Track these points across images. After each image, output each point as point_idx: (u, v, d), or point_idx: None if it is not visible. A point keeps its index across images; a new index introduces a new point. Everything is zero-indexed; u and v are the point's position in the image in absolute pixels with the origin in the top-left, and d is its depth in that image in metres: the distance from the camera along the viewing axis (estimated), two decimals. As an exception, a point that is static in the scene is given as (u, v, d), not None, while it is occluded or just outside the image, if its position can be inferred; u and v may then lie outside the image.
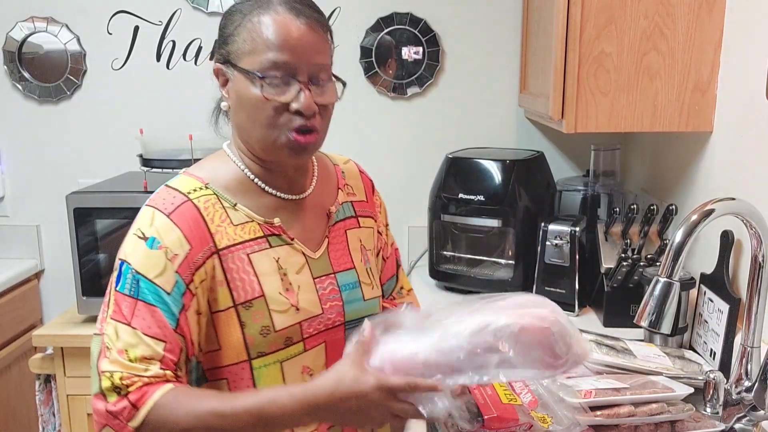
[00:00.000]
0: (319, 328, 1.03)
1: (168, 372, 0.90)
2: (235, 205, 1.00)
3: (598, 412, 1.08)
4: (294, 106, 0.95)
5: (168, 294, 0.92)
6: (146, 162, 1.91)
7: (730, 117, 1.41)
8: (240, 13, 0.97)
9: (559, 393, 1.12)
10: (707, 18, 1.43)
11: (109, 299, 0.93)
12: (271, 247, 1.01)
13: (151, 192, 1.83)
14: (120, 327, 0.90)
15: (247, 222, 1.00)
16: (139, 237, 0.94)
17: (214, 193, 0.99)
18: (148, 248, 0.93)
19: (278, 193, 1.04)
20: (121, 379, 0.88)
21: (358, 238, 1.14)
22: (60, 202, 1.92)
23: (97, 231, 1.84)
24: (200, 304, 0.95)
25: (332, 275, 1.07)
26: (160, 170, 1.89)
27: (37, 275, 2.29)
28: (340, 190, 1.15)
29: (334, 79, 1.01)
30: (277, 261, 1.00)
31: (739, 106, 1.37)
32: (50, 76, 2.16)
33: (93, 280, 1.85)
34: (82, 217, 1.82)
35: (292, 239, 1.03)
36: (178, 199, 0.97)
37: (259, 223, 1.01)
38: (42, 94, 2.18)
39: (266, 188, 1.03)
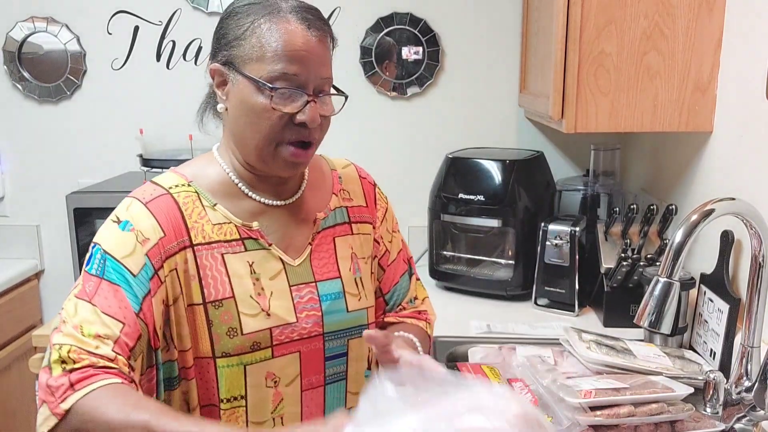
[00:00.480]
0: (292, 336, 1.00)
1: (120, 357, 0.86)
2: (215, 205, 1.00)
3: (598, 412, 1.08)
4: (300, 118, 0.95)
5: (134, 276, 0.91)
6: (146, 162, 1.91)
7: (730, 117, 1.41)
8: (247, 17, 0.95)
9: (559, 393, 1.12)
10: (707, 18, 1.43)
11: (79, 281, 0.93)
12: (246, 250, 1.00)
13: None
14: (80, 303, 0.89)
15: (224, 223, 0.99)
16: (113, 221, 0.96)
17: (196, 191, 1.00)
18: (120, 230, 0.94)
19: (262, 199, 1.03)
20: (68, 352, 0.84)
21: (348, 245, 1.10)
22: (60, 202, 1.92)
23: (97, 231, 1.84)
24: (168, 294, 0.94)
25: (313, 284, 1.04)
26: (160, 170, 1.88)
27: (37, 275, 2.29)
28: (334, 195, 1.12)
29: (334, 91, 1.01)
30: (250, 265, 0.99)
31: (739, 106, 1.37)
32: (50, 76, 2.16)
33: (93, 280, 1.85)
34: (82, 217, 1.82)
35: (270, 244, 1.01)
36: (158, 191, 0.98)
37: (236, 225, 1.00)
38: (42, 94, 2.18)
39: (249, 193, 1.02)
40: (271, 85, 0.93)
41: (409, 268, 1.24)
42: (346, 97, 1.01)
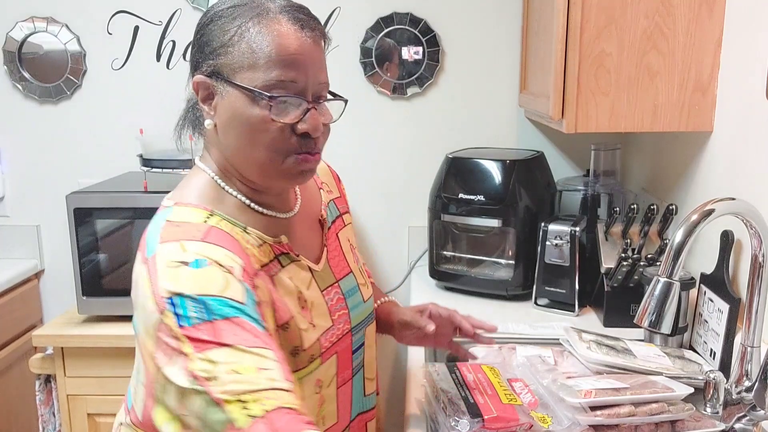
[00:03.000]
0: (332, 340, 1.00)
1: (292, 387, 0.75)
2: (246, 228, 0.92)
3: (598, 412, 1.08)
4: (302, 127, 0.88)
5: (243, 304, 0.79)
6: (146, 162, 1.91)
7: (730, 117, 1.41)
8: (233, 21, 0.87)
9: (559, 393, 1.12)
10: (707, 18, 1.43)
11: (177, 347, 0.76)
12: (282, 267, 0.94)
13: (152, 192, 1.85)
14: (211, 354, 0.74)
15: (261, 244, 0.92)
16: (176, 266, 0.81)
17: (224, 219, 0.90)
18: (196, 268, 0.80)
19: (275, 214, 0.97)
20: (252, 396, 0.72)
21: (347, 238, 1.12)
22: (60, 202, 1.92)
23: (97, 231, 1.84)
24: (268, 318, 0.87)
25: (336, 284, 1.04)
26: (160, 170, 1.89)
27: (37, 275, 2.29)
28: (321, 191, 1.12)
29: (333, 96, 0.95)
30: (291, 280, 0.95)
31: (739, 106, 1.37)
32: (50, 76, 2.16)
33: (93, 280, 1.85)
34: (82, 217, 1.82)
35: (297, 255, 0.98)
36: (201, 226, 0.87)
37: (270, 244, 0.94)
38: (42, 94, 2.18)
39: (263, 210, 0.96)
40: (268, 95, 0.85)
41: None
42: (346, 102, 0.95)
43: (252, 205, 0.95)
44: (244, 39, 0.86)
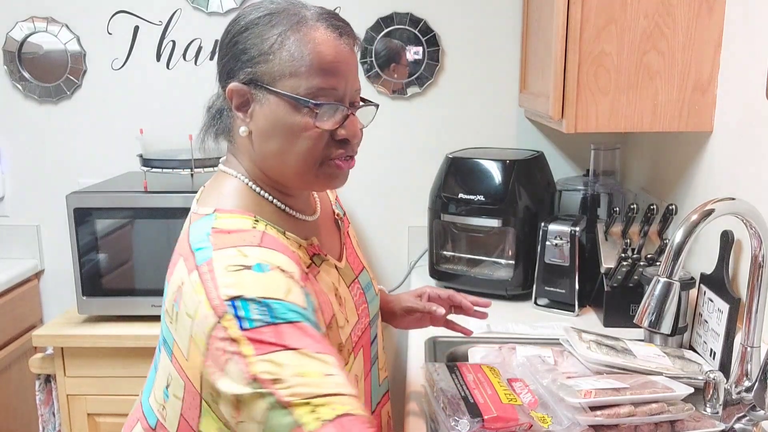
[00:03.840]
0: (358, 334, 1.02)
1: (357, 393, 0.75)
2: (285, 232, 0.92)
3: (598, 412, 1.08)
4: (342, 133, 0.90)
5: (305, 309, 0.79)
6: (146, 162, 1.91)
7: (730, 117, 1.41)
8: (272, 29, 0.87)
9: (559, 393, 1.12)
10: (707, 18, 1.43)
11: (235, 350, 0.74)
12: (318, 267, 0.96)
13: (152, 192, 1.85)
14: (276, 356, 0.73)
15: (299, 247, 0.93)
16: (238, 270, 0.79)
17: (268, 224, 0.90)
18: (259, 272, 0.79)
19: (305, 217, 0.99)
20: (321, 400, 0.71)
21: (353, 234, 1.17)
22: (60, 202, 1.92)
23: (97, 231, 1.84)
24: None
25: (356, 280, 1.07)
26: (160, 170, 1.89)
27: (37, 275, 2.29)
28: (327, 191, 1.14)
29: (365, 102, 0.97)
30: (329, 277, 0.97)
31: (739, 106, 1.37)
32: (50, 76, 2.16)
33: (93, 280, 1.85)
34: (82, 217, 1.82)
35: (326, 255, 0.99)
36: (255, 233, 0.86)
37: (305, 247, 0.95)
38: (42, 94, 2.18)
39: (296, 214, 0.97)
40: (313, 102, 0.86)
41: None
42: (377, 107, 0.97)
43: (287, 209, 0.96)
44: (285, 47, 0.86)
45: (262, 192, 0.94)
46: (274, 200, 0.95)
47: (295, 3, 0.91)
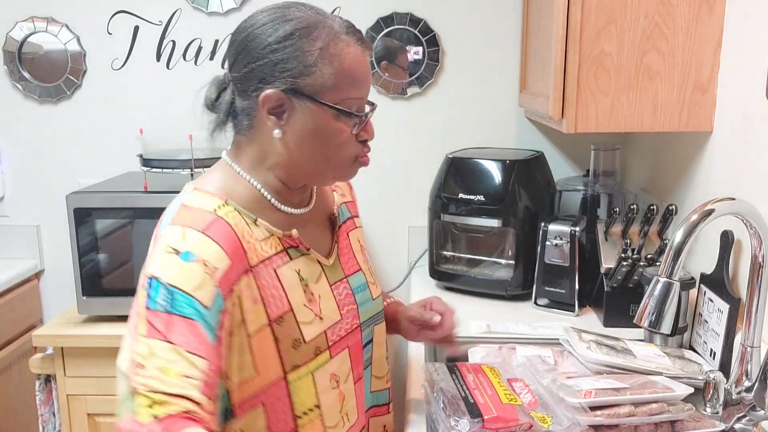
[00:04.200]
0: (341, 334, 1.04)
1: (205, 402, 0.80)
2: (256, 220, 0.98)
3: (598, 412, 1.08)
4: (364, 135, 1.00)
5: (207, 309, 0.85)
6: (146, 162, 1.91)
7: (730, 117, 1.41)
8: (312, 42, 0.94)
9: (559, 393, 1.12)
10: (707, 18, 1.43)
11: (137, 323, 0.85)
12: (291, 259, 1.00)
13: (152, 192, 1.85)
14: (154, 343, 0.81)
15: (268, 237, 0.98)
16: (170, 252, 0.88)
17: (236, 210, 0.96)
18: (183, 261, 0.87)
19: (290, 210, 1.03)
20: (161, 398, 0.78)
21: (357, 238, 1.18)
22: (60, 202, 1.92)
23: (97, 231, 1.84)
24: (232, 323, 0.91)
25: (345, 280, 1.09)
26: (160, 170, 1.89)
27: (37, 275, 2.29)
28: (334, 193, 1.18)
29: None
30: (298, 273, 1.00)
31: (739, 106, 1.37)
32: (50, 76, 2.16)
33: (93, 280, 1.85)
34: (82, 217, 1.82)
35: (308, 249, 1.03)
36: (208, 216, 0.93)
37: (278, 237, 0.99)
38: (42, 94, 2.18)
39: (279, 206, 1.02)
40: (357, 114, 0.97)
41: None
42: (375, 106, 1.03)
43: (270, 199, 1.01)
44: (326, 61, 0.94)
45: (249, 178, 1.00)
46: (261, 188, 1.00)
47: (320, 12, 0.98)
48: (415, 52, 2.11)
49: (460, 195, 1.84)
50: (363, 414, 1.12)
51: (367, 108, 1.00)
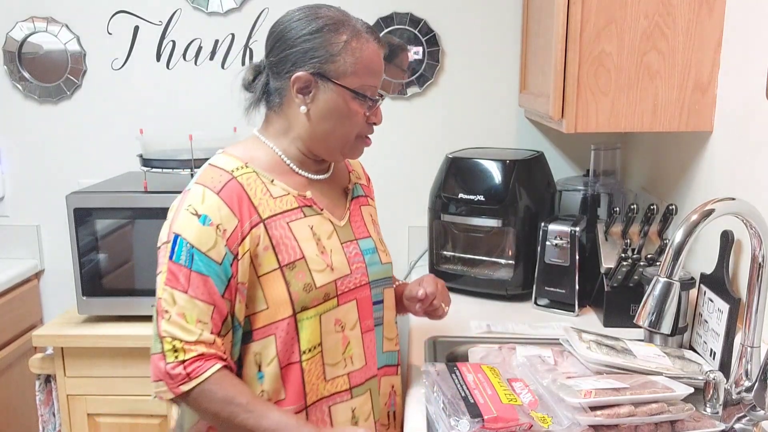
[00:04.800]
0: (349, 286, 1.19)
1: (217, 339, 1.06)
2: (273, 180, 1.15)
3: (598, 412, 1.08)
4: (374, 119, 1.20)
5: (219, 264, 1.06)
6: (146, 162, 1.91)
7: (730, 117, 1.41)
8: (338, 36, 1.12)
9: (559, 393, 1.12)
10: (707, 18, 1.43)
11: (164, 269, 1.07)
12: (305, 216, 1.17)
13: (152, 192, 1.86)
14: (176, 294, 1.05)
15: (284, 195, 1.15)
16: (192, 213, 1.08)
17: (254, 171, 1.14)
18: (201, 224, 1.07)
19: (308, 174, 1.20)
20: (182, 345, 1.03)
21: (369, 213, 1.33)
22: (60, 202, 1.92)
23: (97, 231, 1.84)
24: (244, 270, 1.09)
25: (355, 241, 1.23)
26: (160, 170, 1.89)
27: (37, 275, 2.29)
28: (350, 173, 1.34)
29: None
30: (311, 228, 1.16)
31: (739, 106, 1.37)
32: (50, 76, 2.16)
33: (93, 280, 1.85)
34: (82, 217, 1.82)
35: (322, 209, 1.20)
36: (224, 176, 1.12)
37: (294, 196, 1.17)
38: (42, 94, 2.18)
39: (297, 170, 1.19)
40: (373, 98, 1.16)
41: None
42: (385, 96, 1.22)
43: (290, 164, 1.19)
44: (349, 52, 1.13)
45: (273, 146, 1.18)
46: (282, 155, 1.18)
47: (345, 14, 1.16)
48: (415, 52, 2.11)
49: (460, 195, 1.84)
50: (374, 366, 1.23)
51: (378, 96, 1.18)
